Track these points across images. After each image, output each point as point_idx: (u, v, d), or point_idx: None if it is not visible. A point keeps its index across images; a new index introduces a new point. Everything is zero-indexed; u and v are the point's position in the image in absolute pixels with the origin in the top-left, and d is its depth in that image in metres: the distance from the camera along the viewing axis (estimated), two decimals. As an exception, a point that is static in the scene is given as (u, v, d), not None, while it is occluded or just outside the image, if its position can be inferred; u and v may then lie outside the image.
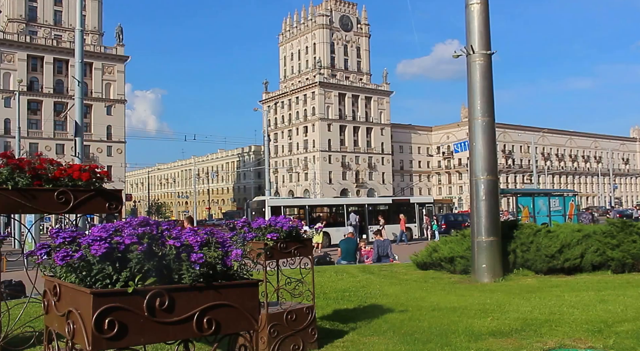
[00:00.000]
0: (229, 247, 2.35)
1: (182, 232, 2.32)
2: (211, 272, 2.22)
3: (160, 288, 2.10)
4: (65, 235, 2.23)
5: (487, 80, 11.27)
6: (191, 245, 2.23)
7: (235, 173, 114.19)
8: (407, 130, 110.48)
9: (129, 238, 2.10)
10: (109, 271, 2.05)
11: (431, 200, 35.41)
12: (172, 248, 2.18)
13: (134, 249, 2.07)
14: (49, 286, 2.40)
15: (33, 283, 3.70)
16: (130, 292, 2.02)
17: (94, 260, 2.05)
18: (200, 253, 2.17)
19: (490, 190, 10.78)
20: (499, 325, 6.34)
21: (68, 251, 2.05)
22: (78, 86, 17.08)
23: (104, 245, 2.02)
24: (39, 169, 3.99)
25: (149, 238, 2.17)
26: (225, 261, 2.27)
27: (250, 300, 2.32)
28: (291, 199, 42.34)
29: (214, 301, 2.21)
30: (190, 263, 2.16)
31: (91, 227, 4.28)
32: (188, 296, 2.17)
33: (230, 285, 2.27)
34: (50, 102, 72.33)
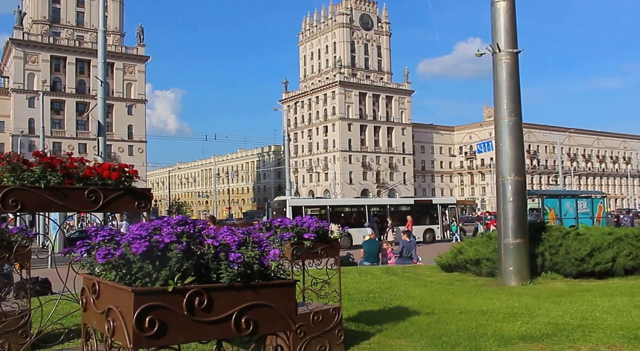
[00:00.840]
0: (265, 246, 2.33)
1: (218, 231, 2.31)
2: (248, 272, 2.20)
3: (200, 287, 2.08)
4: (104, 233, 2.23)
5: (513, 79, 11.11)
6: (229, 244, 2.21)
7: (255, 173, 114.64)
8: (428, 130, 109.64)
9: (168, 237, 2.09)
10: (148, 270, 2.04)
11: (454, 201, 35.05)
12: (211, 248, 2.16)
13: (173, 248, 2.06)
14: (87, 284, 2.40)
15: (64, 282, 3.72)
16: (170, 291, 2.01)
17: (134, 258, 2.04)
18: (239, 253, 2.15)
19: (517, 191, 10.61)
20: (529, 329, 6.23)
21: (109, 249, 2.05)
22: (101, 86, 17.14)
23: (144, 244, 2.02)
24: (70, 168, 4.00)
25: (188, 237, 2.16)
26: (262, 261, 2.25)
27: (287, 300, 2.30)
28: (312, 199, 42.36)
29: (252, 301, 2.19)
30: (228, 263, 2.14)
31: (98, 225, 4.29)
32: (226, 296, 2.15)
33: (268, 284, 2.25)
34: (72, 102, 73.61)
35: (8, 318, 5.42)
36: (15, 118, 69.02)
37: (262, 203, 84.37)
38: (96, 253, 2.07)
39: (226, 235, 2.26)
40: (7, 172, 3.82)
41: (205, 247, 2.18)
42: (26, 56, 71.37)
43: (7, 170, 3.81)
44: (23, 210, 3.73)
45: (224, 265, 2.14)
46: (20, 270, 6.56)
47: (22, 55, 71.21)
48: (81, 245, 2.27)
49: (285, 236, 2.23)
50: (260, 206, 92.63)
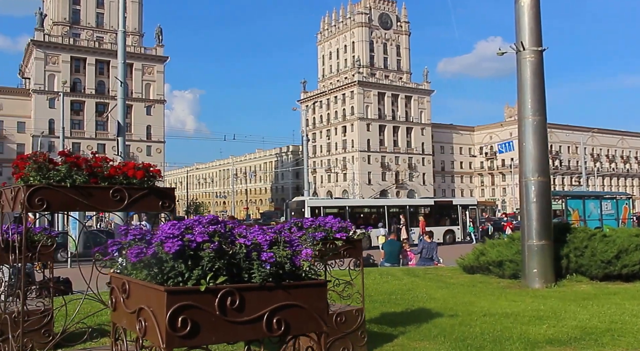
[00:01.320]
0: (297, 246, 2.30)
1: (249, 230, 2.29)
2: (280, 272, 2.18)
3: (232, 286, 2.07)
4: (135, 232, 2.22)
5: (538, 78, 10.95)
6: (260, 243, 2.19)
7: (273, 173, 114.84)
8: (448, 130, 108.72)
9: (201, 236, 2.08)
10: (181, 269, 2.03)
11: (475, 202, 34.75)
12: (242, 247, 2.14)
13: (205, 247, 2.05)
14: (116, 284, 2.40)
15: (88, 282, 3.74)
16: (202, 290, 1.99)
17: (166, 257, 2.03)
18: (271, 253, 2.13)
19: (541, 191, 10.45)
20: (555, 332, 6.12)
21: (141, 248, 2.04)
22: (121, 87, 17.12)
23: (177, 243, 2.00)
24: (95, 167, 4.03)
25: (220, 236, 2.14)
26: (294, 260, 2.22)
27: (318, 301, 2.27)
28: (331, 200, 42.32)
29: (284, 301, 2.17)
30: (260, 262, 2.12)
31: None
32: (258, 296, 2.13)
33: (300, 285, 2.22)
34: (92, 103, 74.42)
35: (31, 317, 5.48)
36: (36, 119, 70.02)
37: (279, 204, 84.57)
38: (128, 252, 2.06)
39: (257, 235, 2.24)
40: (34, 171, 3.85)
41: (237, 247, 2.16)
42: (47, 57, 72.42)
43: (34, 169, 3.85)
44: (49, 209, 3.75)
45: (256, 264, 2.12)
46: (43, 269, 6.64)
47: (42, 57, 72.24)
48: (112, 244, 2.27)
49: (318, 235, 2.20)
50: (278, 206, 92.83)
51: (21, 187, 3.67)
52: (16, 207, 3.76)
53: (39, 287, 6.57)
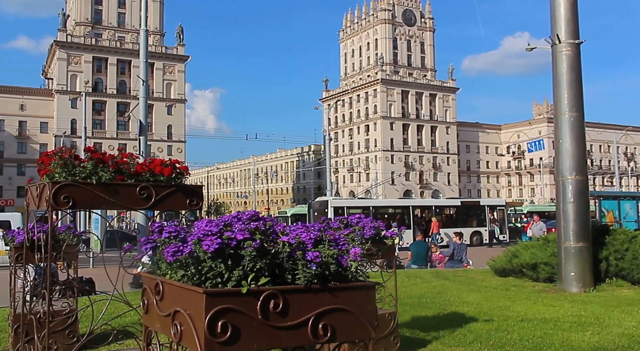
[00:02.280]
0: (343, 245, 2.11)
1: (291, 228, 2.10)
2: (326, 273, 1.99)
3: (275, 288, 1.88)
4: (170, 230, 2.05)
5: (575, 72, 10.56)
6: (304, 242, 2.00)
7: (294, 173, 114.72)
8: (474, 129, 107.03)
9: (241, 234, 1.90)
10: (220, 269, 1.85)
11: (503, 203, 34.07)
12: (286, 246, 1.95)
13: (247, 245, 1.86)
14: (149, 285, 2.24)
15: (114, 284, 3.61)
16: (244, 293, 1.81)
17: (205, 256, 1.85)
18: (316, 252, 1.94)
19: (579, 191, 10.07)
20: (600, 340, 5.81)
21: (178, 246, 1.87)
22: (142, 86, 17.10)
23: (216, 241, 1.83)
24: (122, 164, 3.91)
25: (261, 234, 1.96)
26: (340, 260, 2.02)
27: (367, 305, 2.08)
28: (355, 200, 42.01)
29: (330, 305, 1.98)
30: (305, 262, 1.93)
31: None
32: (303, 299, 1.94)
33: (347, 287, 2.02)
34: (113, 103, 75.10)
35: (56, 318, 5.40)
36: (58, 119, 71.06)
37: (301, 204, 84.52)
38: (164, 251, 1.89)
39: (301, 232, 2.05)
40: (59, 168, 3.72)
41: (280, 245, 1.98)
42: (69, 58, 73.49)
43: (59, 165, 3.72)
44: (74, 207, 3.63)
45: (300, 265, 1.94)
46: (67, 269, 6.58)
47: (65, 57, 73.33)
48: (146, 242, 2.11)
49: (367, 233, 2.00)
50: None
51: (47, 183, 3.54)
52: (41, 205, 3.65)
53: (63, 287, 6.51)
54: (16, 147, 73.85)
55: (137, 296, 9.28)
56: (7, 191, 69.80)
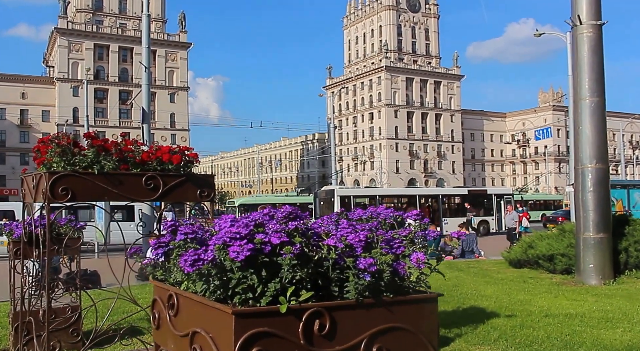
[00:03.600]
0: (398, 248, 1.74)
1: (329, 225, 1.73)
2: (382, 283, 1.62)
3: (320, 305, 1.52)
4: (186, 231, 1.68)
5: (597, 55, 10.09)
6: (352, 245, 1.63)
7: (298, 161, 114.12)
8: (478, 117, 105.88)
9: (277, 237, 1.53)
10: (252, 282, 1.49)
11: (510, 192, 33.64)
12: (332, 251, 1.59)
13: (286, 251, 1.50)
14: (161, 295, 1.88)
15: (121, 282, 3.26)
16: (283, 312, 1.45)
17: (232, 266, 1.49)
18: (370, 258, 1.57)
19: (599, 180, 9.67)
20: (633, 338, 5.46)
21: (199, 253, 1.50)
22: (145, 72, 16.67)
23: (247, 246, 1.46)
24: (126, 151, 3.58)
25: (301, 235, 1.59)
26: (396, 268, 1.66)
27: (428, 321, 1.71)
28: (361, 189, 41.64)
29: (385, 323, 1.62)
30: (357, 272, 1.56)
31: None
32: (353, 317, 1.58)
33: (406, 301, 1.66)
34: (115, 91, 73.84)
35: (59, 315, 5.09)
36: (60, 107, 70.11)
37: (306, 193, 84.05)
38: (181, 260, 1.52)
39: (347, 233, 1.68)
40: (57, 156, 3.38)
41: (324, 250, 1.61)
42: (70, 45, 72.36)
43: (57, 153, 3.38)
44: (74, 199, 3.29)
45: (351, 274, 1.57)
46: (70, 263, 6.27)
47: (66, 44, 72.17)
48: (157, 246, 1.74)
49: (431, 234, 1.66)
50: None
51: (43, 174, 3.18)
52: (38, 197, 3.30)
53: (66, 282, 6.18)
54: (18, 136, 73.39)
55: (143, 290, 8.99)
56: (10, 180, 69.51)
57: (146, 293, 8.85)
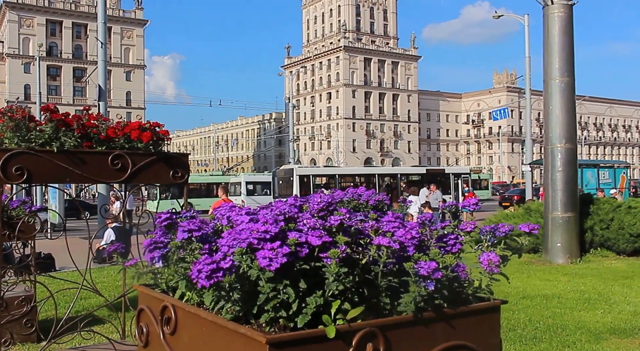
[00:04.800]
0: (454, 246, 1.42)
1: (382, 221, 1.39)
2: (445, 292, 1.30)
3: (373, 324, 1.18)
4: (191, 226, 1.31)
5: (567, 36, 10.06)
6: (403, 244, 1.30)
7: (255, 141, 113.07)
8: (435, 97, 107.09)
9: (317, 236, 1.18)
10: (287, 297, 1.13)
11: (467, 171, 34.09)
12: (383, 253, 1.25)
13: (332, 255, 1.15)
14: (150, 305, 1.51)
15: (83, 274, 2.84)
16: (333, 337, 1.11)
17: (262, 276, 1.13)
18: (433, 262, 1.24)
19: (568, 160, 9.70)
20: (614, 320, 5.42)
21: (216, 260, 1.12)
22: (101, 48, 16.18)
23: (282, 251, 1.11)
24: (89, 127, 3.17)
25: (344, 233, 1.25)
26: (458, 272, 1.34)
27: (490, 334, 1.41)
28: (320, 168, 41.31)
29: (446, 341, 1.30)
30: (417, 279, 1.23)
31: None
32: (410, 337, 1.25)
33: (469, 312, 1.34)
34: (69, 68, 71.61)
35: (10, 304, 4.63)
36: (10, 83, 67.20)
37: (263, 172, 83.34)
38: (193, 269, 1.13)
39: (395, 229, 1.34)
40: (9, 131, 2.96)
41: (372, 251, 1.27)
42: (21, 20, 69.23)
43: (9, 128, 2.96)
44: (30, 180, 2.94)
45: (411, 283, 1.23)
46: (23, 248, 5.77)
47: (16, 19, 68.95)
48: (152, 247, 1.35)
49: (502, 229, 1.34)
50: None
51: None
52: (-13, 178, 2.85)
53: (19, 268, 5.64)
54: (-34, 113, 69.57)
55: (101, 274, 8.45)
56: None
57: (104, 277, 8.33)
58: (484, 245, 1.48)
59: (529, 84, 26.39)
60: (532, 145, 27.36)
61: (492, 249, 1.47)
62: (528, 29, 25.98)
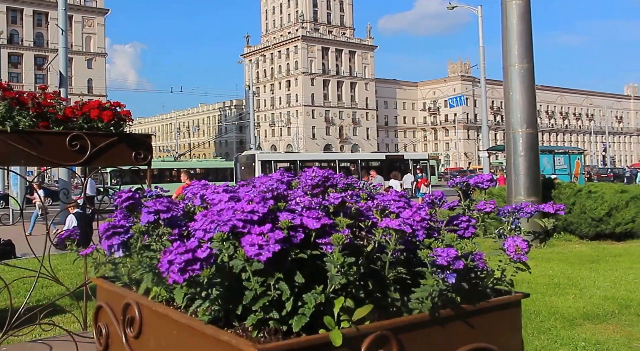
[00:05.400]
0: (467, 229, 1.23)
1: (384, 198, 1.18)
2: (465, 286, 1.10)
3: (384, 327, 0.97)
4: (158, 207, 1.06)
5: (525, 23, 10.11)
6: (412, 227, 1.09)
7: (216, 127, 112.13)
8: (392, 85, 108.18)
9: (315, 219, 0.96)
10: (280, 292, 0.91)
11: (425, 156, 34.46)
12: (392, 239, 1.04)
13: (335, 241, 0.94)
14: (110, 302, 1.27)
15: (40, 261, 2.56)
16: (340, 345, 0.89)
17: (248, 269, 0.90)
18: (452, 249, 1.03)
19: (530, 144, 9.76)
20: (587, 305, 5.41)
21: (191, 249, 0.88)
22: (62, 35, 16.11)
23: (274, 236, 0.88)
24: (46, 106, 2.99)
25: (345, 214, 1.03)
26: (477, 261, 1.15)
27: (511, 333, 1.23)
28: (282, 153, 41.01)
29: (465, 344, 1.11)
30: (436, 270, 1.03)
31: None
32: (426, 339, 1.05)
33: (489, 308, 1.16)
34: (30, 56, 71.20)
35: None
36: (-30, 71, 65.06)
37: (224, 158, 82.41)
38: (163, 261, 0.89)
39: (399, 209, 1.13)
40: (-43, 110, 2.81)
41: (376, 236, 1.06)
42: (-21, 7, 67.54)
43: (-41, 107, 2.79)
44: None
45: (428, 275, 1.03)
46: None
47: (-26, 7, 67.33)
48: (110, 232, 1.10)
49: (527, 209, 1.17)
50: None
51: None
52: None
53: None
54: None
55: (62, 261, 8.00)
56: None
57: (66, 264, 7.88)
58: (505, 229, 1.29)
59: (484, 72, 26.75)
60: (488, 131, 27.80)
61: (517, 233, 1.28)
62: (482, 20, 26.35)
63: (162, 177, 31.64)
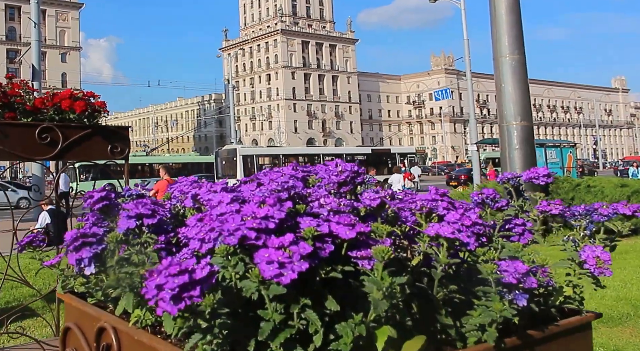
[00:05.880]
0: (521, 235, 1.02)
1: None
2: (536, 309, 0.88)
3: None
4: (141, 210, 0.82)
5: (515, 14, 9.89)
6: (461, 240, 0.86)
7: (195, 121, 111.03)
8: (374, 79, 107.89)
9: (346, 226, 0.72)
10: (307, 323, 0.67)
11: (413, 151, 34.33)
12: (444, 249, 0.81)
13: (378, 254, 0.70)
14: (80, 323, 1.03)
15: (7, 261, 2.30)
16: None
17: (265, 293, 0.66)
18: (520, 263, 0.81)
19: (525, 137, 9.57)
20: (599, 306, 5.19)
21: (190, 269, 0.64)
22: (35, 28, 15.76)
23: (299, 251, 0.64)
24: (13, 96, 2.84)
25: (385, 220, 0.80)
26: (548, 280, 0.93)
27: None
28: (264, 148, 40.54)
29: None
30: (503, 290, 0.80)
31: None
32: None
33: (559, 332, 0.94)
34: (2, 49, 70.24)
35: None
36: (-60, 65, 64.05)
37: (204, 152, 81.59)
38: (149, 284, 0.65)
39: (445, 210, 0.91)
40: None
41: (422, 247, 0.83)
42: (-50, 1, 66.42)
43: None
44: None
45: (494, 295, 0.80)
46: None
47: (-53, 0, 66.28)
48: (80, 242, 0.85)
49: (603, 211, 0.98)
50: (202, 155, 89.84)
51: None
52: None
53: None
54: None
55: (34, 263, 7.68)
56: None
57: (37, 263, 7.51)
58: (577, 234, 1.08)
59: (469, 65, 26.70)
60: (475, 124, 27.79)
61: (593, 241, 1.07)
62: (465, 13, 26.31)
63: (132, 173, 31.14)
